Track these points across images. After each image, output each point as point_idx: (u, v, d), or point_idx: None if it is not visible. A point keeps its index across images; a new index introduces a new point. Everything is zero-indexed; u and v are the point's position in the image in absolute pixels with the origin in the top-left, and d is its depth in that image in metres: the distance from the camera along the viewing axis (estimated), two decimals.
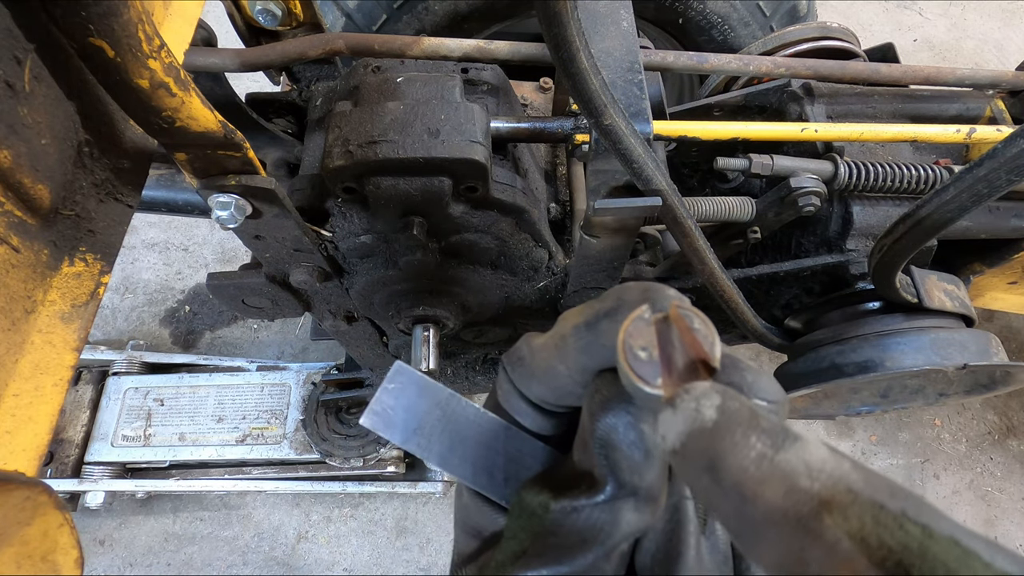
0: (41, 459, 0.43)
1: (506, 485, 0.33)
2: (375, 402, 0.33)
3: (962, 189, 0.62)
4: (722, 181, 1.12)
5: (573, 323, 0.28)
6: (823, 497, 0.19)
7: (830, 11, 2.67)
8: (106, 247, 0.49)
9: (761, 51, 1.09)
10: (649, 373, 0.24)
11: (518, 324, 1.10)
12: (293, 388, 1.67)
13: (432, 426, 0.33)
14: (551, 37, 0.52)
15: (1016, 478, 1.91)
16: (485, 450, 0.33)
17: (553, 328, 0.30)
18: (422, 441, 0.32)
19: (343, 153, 0.71)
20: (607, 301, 0.28)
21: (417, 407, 0.33)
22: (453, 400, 0.33)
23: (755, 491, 0.20)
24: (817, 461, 0.20)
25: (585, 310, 0.28)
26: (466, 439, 0.33)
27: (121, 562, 1.65)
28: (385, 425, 0.32)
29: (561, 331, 0.29)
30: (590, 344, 0.27)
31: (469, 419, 0.33)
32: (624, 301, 0.27)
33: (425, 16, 1.15)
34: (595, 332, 0.27)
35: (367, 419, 0.32)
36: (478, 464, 0.33)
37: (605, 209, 0.72)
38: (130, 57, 0.41)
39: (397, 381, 0.33)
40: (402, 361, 0.34)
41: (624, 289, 0.28)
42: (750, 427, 0.21)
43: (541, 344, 0.30)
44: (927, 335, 0.85)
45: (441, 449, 0.33)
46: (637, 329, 0.25)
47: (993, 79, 0.99)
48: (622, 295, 0.27)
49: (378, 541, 1.71)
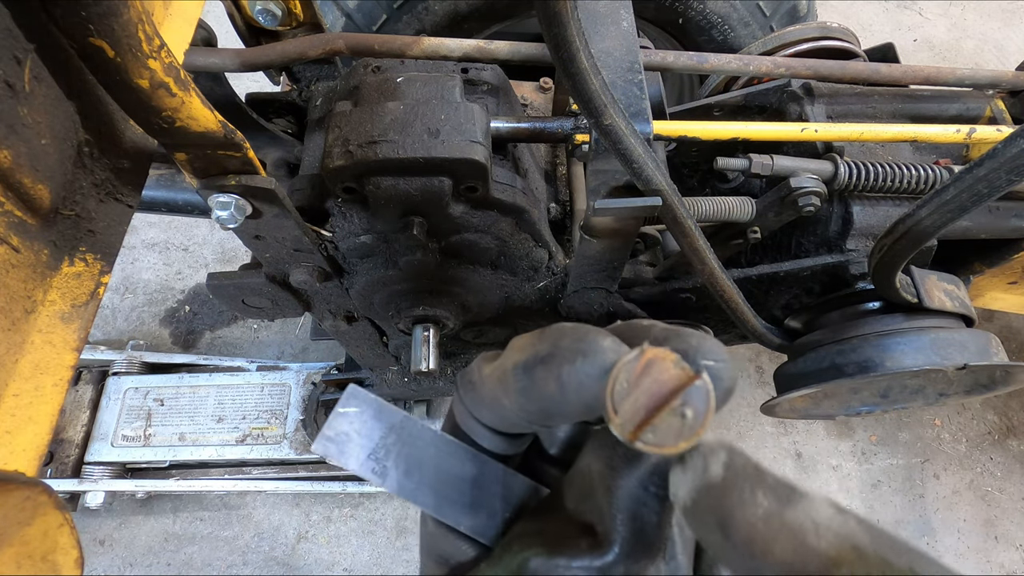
0: (41, 459, 0.43)
1: (473, 514, 0.31)
2: (328, 427, 0.31)
3: (962, 189, 0.62)
4: (722, 181, 1.12)
5: (513, 361, 0.28)
6: (831, 555, 0.19)
7: (830, 11, 2.67)
8: (106, 247, 0.49)
9: (761, 51, 1.09)
10: (668, 436, 0.23)
11: (518, 324, 1.10)
12: (293, 388, 1.67)
13: (387, 451, 0.31)
14: (551, 37, 0.52)
15: (1016, 478, 1.91)
16: (447, 476, 0.31)
17: (502, 356, 0.29)
18: (377, 467, 0.31)
19: (343, 153, 0.71)
20: (543, 344, 0.27)
21: (372, 432, 0.31)
22: (409, 423, 0.32)
23: (765, 548, 0.20)
24: (824, 519, 0.20)
25: (526, 348, 0.28)
26: (424, 464, 0.31)
27: (121, 562, 1.65)
28: (339, 451, 0.31)
29: (503, 366, 0.28)
30: (527, 388, 0.27)
31: (427, 443, 0.32)
32: (558, 348, 0.26)
33: (425, 16, 1.15)
34: (531, 378, 0.27)
35: (319, 445, 0.31)
36: (440, 491, 0.31)
37: (605, 209, 0.72)
38: (130, 57, 0.41)
39: (351, 405, 0.32)
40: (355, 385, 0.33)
41: (559, 334, 0.27)
42: (757, 483, 0.22)
43: (488, 374, 0.30)
44: (927, 335, 0.85)
45: (398, 476, 0.31)
46: (621, 398, 0.24)
47: (993, 79, 0.99)
48: (557, 341, 0.27)
49: (378, 541, 1.71)
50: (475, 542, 0.32)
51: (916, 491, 1.87)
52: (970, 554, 1.79)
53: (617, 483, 0.26)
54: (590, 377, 0.25)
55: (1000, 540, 1.83)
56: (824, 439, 1.93)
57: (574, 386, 0.25)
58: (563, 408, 0.27)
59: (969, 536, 1.83)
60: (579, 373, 0.25)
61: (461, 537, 0.32)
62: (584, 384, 0.25)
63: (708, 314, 1.08)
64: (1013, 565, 1.79)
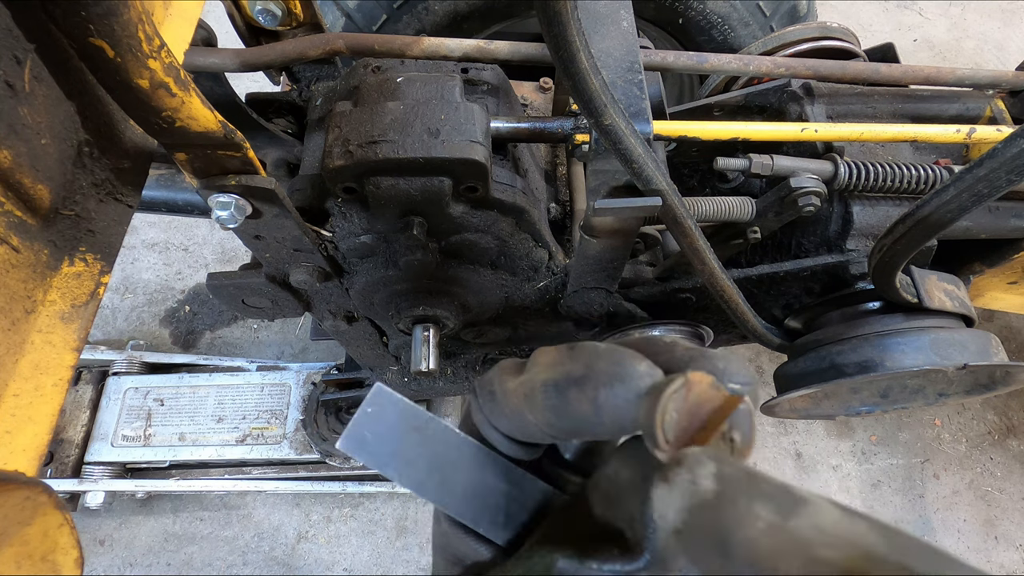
0: (41, 459, 0.43)
1: (490, 516, 0.31)
2: (353, 425, 0.31)
3: (962, 189, 0.62)
4: (722, 181, 1.12)
5: (543, 378, 0.27)
6: (844, 565, 0.18)
7: (830, 11, 2.67)
8: (106, 247, 0.49)
9: (761, 51, 1.09)
10: None
11: (518, 324, 1.10)
12: (293, 388, 1.67)
13: (411, 451, 0.31)
14: (551, 37, 0.52)
15: (1016, 478, 1.91)
16: (468, 478, 0.32)
17: (525, 371, 0.29)
18: (400, 466, 0.31)
19: (343, 153, 0.71)
20: (576, 364, 0.27)
21: (396, 431, 0.31)
22: (433, 424, 0.32)
23: (771, 566, 0.18)
24: (830, 525, 0.19)
25: (556, 366, 0.27)
26: (447, 466, 0.32)
27: (121, 562, 1.65)
28: (362, 449, 0.31)
29: (531, 382, 0.28)
30: (558, 408, 0.27)
31: (450, 445, 0.32)
32: (593, 370, 0.26)
33: (425, 16, 1.15)
34: (564, 398, 0.27)
35: (344, 443, 0.31)
36: (460, 493, 0.31)
37: (605, 209, 0.72)
38: (130, 57, 0.41)
39: (376, 404, 0.32)
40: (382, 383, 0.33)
41: (594, 355, 0.27)
42: (753, 494, 0.20)
43: (512, 389, 0.29)
44: (927, 335, 0.85)
45: (419, 475, 0.31)
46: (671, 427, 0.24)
47: (993, 79, 0.99)
48: (593, 363, 0.26)
49: (378, 541, 1.71)
50: (491, 543, 0.32)
51: (916, 491, 1.88)
52: (970, 554, 1.79)
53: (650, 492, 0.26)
54: (628, 402, 0.25)
55: (1000, 540, 1.83)
56: (824, 439, 1.93)
57: (610, 410, 0.26)
58: (595, 429, 0.27)
59: (969, 536, 1.83)
60: (617, 398, 0.25)
61: (477, 538, 0.32)
62: (620, 408, 0.25)
63: (708, 314, 1.08)
64: (1013, 565, 1.79)
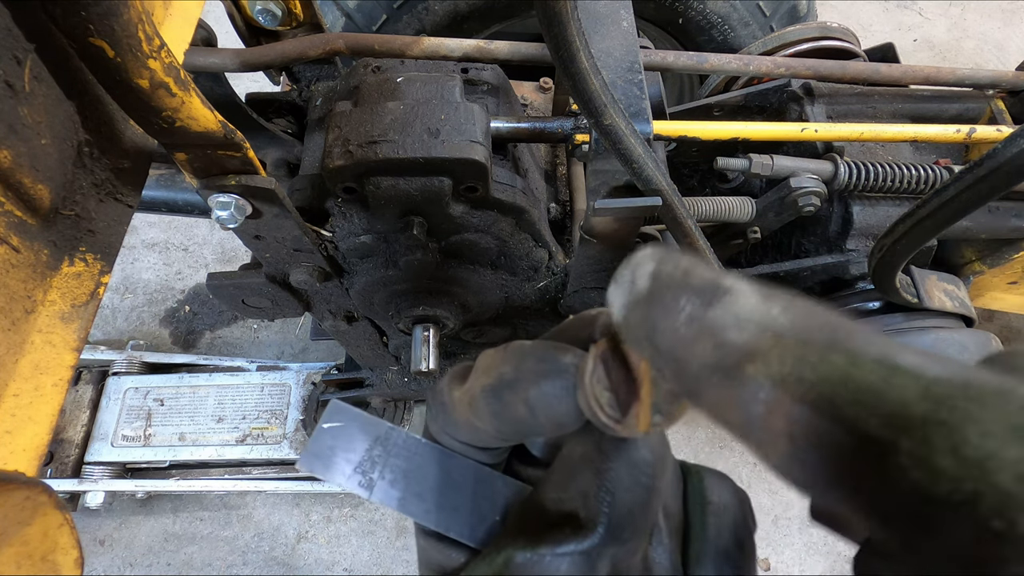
0: (41, 459, 0.43)
1: (462, 520, 0.31)
2: (312, 443, 0.31)
3: (962, 189, 0.62)
4: (722, 181, 1.12)
5: (481, 384, 0.27)
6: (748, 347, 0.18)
7: (830, 11, 2.67)
8: (106, 247, 0.49)
9: (761, 51, 1.09)
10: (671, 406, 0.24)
11: (518, 324, 1.10)
12: (293, 388, 1.67)
13: (373, 463, 0.31)
14: (551, 37, 0.52)
15: None
16: (434, 484, 0.31)
17: (470, 377, 0.29)
18: (364, 480, 0.31)
19: (343, 153, 0.71)
20: (506, 366, 0.27)
21: (357, 445, 0.31)
22: (394, 434, 0.32)
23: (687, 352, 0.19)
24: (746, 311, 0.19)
25: (491, 370, 0.27)
26: (411, 474, 0.31)
27: (121, 562, 1.65)
28: (324, 467, 0.31)
29: (472, 390, 0.28)
30: (499, 412, 0.27)
31: (412, 452, 0.32)
32: (521, 371, 0.26)
33: (425, 16, 1.15)
34: (501, 402, 0.27)
35: (304, 462, 0.31)
36: (428, 499, 0.31)
37: (605, 209, 0.72)
38: (130, 57, 0.41)
39: (335, 419, 0.31)
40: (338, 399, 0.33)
41: (520, 355, 0.27)
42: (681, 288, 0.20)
43: (458, 399, 0.29)
44: (927, 335, 0.85)
45: (385, 487, 0.31)
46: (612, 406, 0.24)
47: (993, 79, 0.99)
48: (519, 364, 0.26)
49: (378, 541, 1.71)
50: (466, 548, 0.32)
51: None
52: None
53: (607, 466, 0.26)
54: (557, 398, 0.25)
55: None
56: None
57: (543, 408, 0.26)
58: (536, 429, 0.27)
59: None
60: (546, 396, 0.25)
61: (452, 544, 0.31)
62: (552, 405, 0.25)
63: None
64: None
